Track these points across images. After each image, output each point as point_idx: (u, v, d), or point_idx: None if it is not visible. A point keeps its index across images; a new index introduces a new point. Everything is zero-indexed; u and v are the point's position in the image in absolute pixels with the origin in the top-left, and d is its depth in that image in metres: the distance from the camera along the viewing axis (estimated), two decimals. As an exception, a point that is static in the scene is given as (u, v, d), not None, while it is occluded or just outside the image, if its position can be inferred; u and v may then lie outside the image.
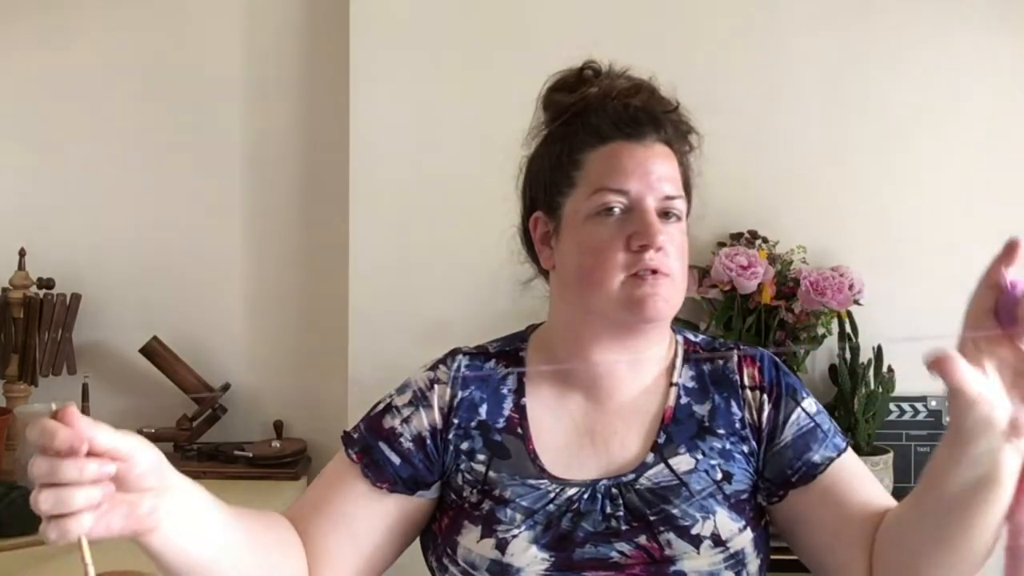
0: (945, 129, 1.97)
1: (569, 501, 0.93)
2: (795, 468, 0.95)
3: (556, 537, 0.92)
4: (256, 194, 2.06)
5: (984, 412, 0.71)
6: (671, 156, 0.98)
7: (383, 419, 0.99)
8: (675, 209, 0.95)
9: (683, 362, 1.01)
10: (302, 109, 2.06)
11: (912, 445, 1.92)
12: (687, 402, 0.98)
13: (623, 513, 0.92)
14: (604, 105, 0.98)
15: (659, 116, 0.98)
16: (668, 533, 0.91)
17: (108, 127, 2.05)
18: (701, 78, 1.96)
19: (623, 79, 1.01)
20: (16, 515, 1.45)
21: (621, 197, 0.93)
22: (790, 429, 0.96)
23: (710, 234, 1.94)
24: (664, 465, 0.94)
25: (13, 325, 1.91)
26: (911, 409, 1.93)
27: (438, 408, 0.98)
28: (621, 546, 0.91)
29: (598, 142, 0.96)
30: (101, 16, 2.04)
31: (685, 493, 0.93)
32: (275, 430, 2.01)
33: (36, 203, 2.05)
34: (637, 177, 0.93)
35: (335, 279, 2.00)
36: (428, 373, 1.01)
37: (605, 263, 0.91)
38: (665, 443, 0.96)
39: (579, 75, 1.02)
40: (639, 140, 0.95)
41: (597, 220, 0.93)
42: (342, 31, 1.96)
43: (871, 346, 1.87)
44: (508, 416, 0.98)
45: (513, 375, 1.01)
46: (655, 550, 0.91)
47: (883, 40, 1.96)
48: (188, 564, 0.78)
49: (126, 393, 2.04)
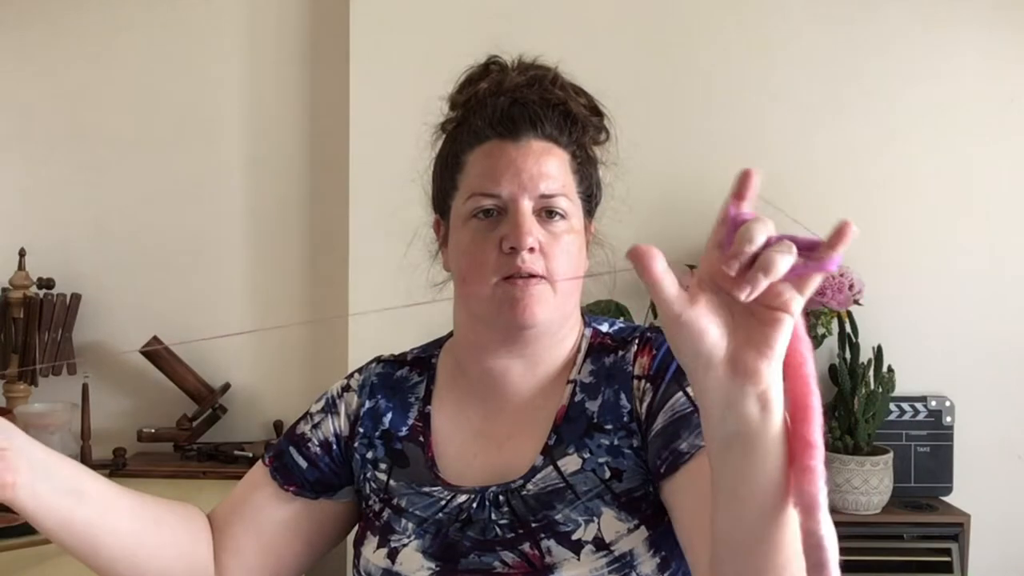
0: (945, 129, 1.98)
1: (459, 509, 0.91)
2: (663, 458, 0.86)
3: (443, 546, 0.90)
4: (256, 194, 2.06)
5: (689, 328, 0.60)
6: (552, 152, 0.92)
7: (297, 425, 1.02)
8: (557, 207, 0.90)
9: (584, 357, 0.96)
10: (302, 109, 2.06)
11: (912, 445, 1.92)
12: (581, 399, 0.94)
13: (508, 521, 0.90)
14: (487, 103, 0.94)
15: (538, 112, 0.92)
16: (549, 540, 0.88)
17: (108, 127, 2.05)
18: (701, 78, 1.97)
19: (520, 73, 0.95)
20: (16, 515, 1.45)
21: (493, 200, 0.90)
22: (664, 415, 0.87)
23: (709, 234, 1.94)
24: (553, 467, 0.91)
25: (13, 325, 1.91)
26: (911, 409, 1.93)
27: (344, 415, 1.00)
28: (504, 555, 0.88)
29: (476, 142, 0.93)
30: (101, 16, 2.04)
31: (570, 496, 0.89)
32: (275, 430, 2.01)
33: (36, 203, 2.05)
34: (508, 178, 0.89)
35: (335, 279, 2.00)
36: (342, 381, 1.03)
37: (478, 266, 0.89)
38: (555, 444, 0.92)
39: (484, 70, 0.99)
40: (513, 139, 0.91)
41: (473, 223, 0.91)
42: (342, 31, 1.96)
43: (871, 346, 1.87)
44: (412, 424, 0.98)
45: (422, 383, 1.00)
46: (536, 558, 0.87)
47: (883, 40, 1.96)
48: (63, 521, 0.82)
49: (126, 393, 2.04)
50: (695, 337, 0.60)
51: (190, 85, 2.05)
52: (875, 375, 1.85)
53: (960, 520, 1.82)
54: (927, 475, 1.92)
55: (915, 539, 1.81)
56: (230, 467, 1.88)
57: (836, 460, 1.80)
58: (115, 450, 1.89)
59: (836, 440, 1.83)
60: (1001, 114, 1.98)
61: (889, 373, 1.85)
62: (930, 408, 1.93)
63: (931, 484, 1.92)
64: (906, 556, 1.80)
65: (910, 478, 1.91)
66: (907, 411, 1.93)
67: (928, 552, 1.80)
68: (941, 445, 1.93)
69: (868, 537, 1.79)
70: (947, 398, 1.94)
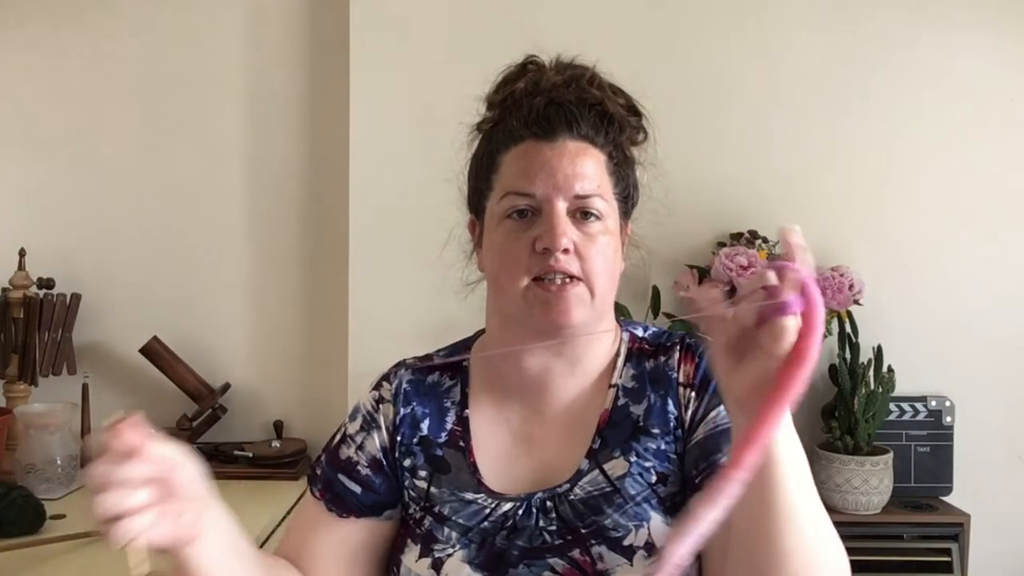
0: (944, 129, 1.98)
1: (504, 517, 0.90)
2: (700, 468, 0.88)
3: (490, 556, 0.89)
4: (256, 194, 2.06)
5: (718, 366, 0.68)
6: (588, 152, 0.91)
7: (339, 450, 0.99)
8: (592, 208, 0.89)
9: (624, 361, 0.96)
10: (302, 110, 2.06)
11: (912, 445, 1.92)
12: (624, 403, 0.94)
13: (556, 527, 0.89)
14: (523, 103, 0.93)
15: (574, 112, 0.91)
16: (600, 546, 0.87)
17: (108, 127, 2.05)
18: (701, 79, 1.97)
19: (557, 73, 0.94)
20: (16, 515, 1.45)
21: (527, 200, 0.89)
22: (706, 426, 0.89)
23: (710, 234, 1.94)
24: (599, 471, 0.90)
25: (13, 325, 1.91)
26: (911, 409, 1.93)
27: (385, 428, 0.97)
28: (554, 562, 0.88)
29: (511, 143, 0.92)
30: (102, 17, 2.04)
31: (619, 500, 0.88)
32: (275, 430, 2.01)
33: (36, 203, 2.05)
34: (543, 178, 0.88)
35: (335, 279, 2.00)
36: (373, 393, 1.00)
37: (511, 267, 0.89)
38: (600, 448, 0.91)
39: (520, 70, 0.98)
40: (548, 139, 0.90)
41: (507, 223, 0.90)
42: (342, 31, 1.96)
43: (871, 346, 1.87)
44: (451, 429, 0.96)
45: (456, 386, 0.99)
46: (587, 564, 0.87)
47: (883, 40, 1.96)
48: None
49: (126, 393, 2.04)
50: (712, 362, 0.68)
51: (190, 85, 2.05)
52: (875, 375, 1.85)
53: (960, 520, 1.82)
54: (927, 475, 1.92)
55: (915, 539, 1.81)
56: (230, 467, 1.88)
57: (836, 460, 1.80)
58: (115, 450, 1.88)
59: (836, 440, 1.83)
60: (1001, 114, 1.98)
61: (889, 373, 1.85)
62: (930, 408, 1.93)
63: (931, 484, 1.92)
64: (906, 556, 1.79)
65: (910, 478, 1.91)
66: (907, 411, 1.93)
67: (928, 552, 1.80)
68: (941, 445, 1.93)
69: (868, 537, 1.79)
70: (947, 398, 1.94)
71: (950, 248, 1.99)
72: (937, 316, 1.98)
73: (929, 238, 1.98)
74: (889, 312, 1.94)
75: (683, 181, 1.95)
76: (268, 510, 1.65)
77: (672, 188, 1.94)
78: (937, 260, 1.98)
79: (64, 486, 1.71)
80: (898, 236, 1.97)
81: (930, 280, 1.98)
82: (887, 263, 1.96)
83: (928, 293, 1.98)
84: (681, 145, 1.95)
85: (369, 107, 1.93)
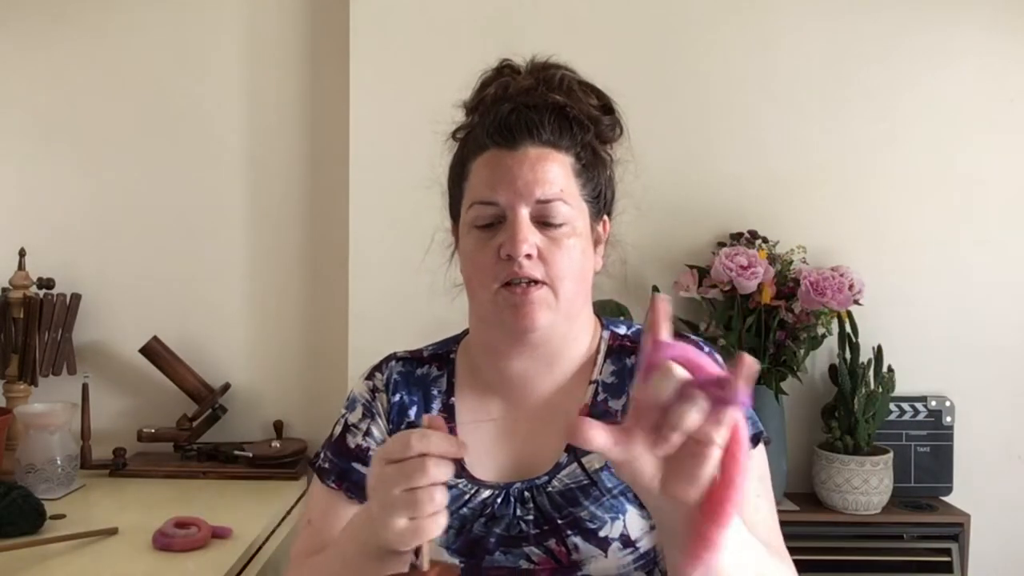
0: (945, 129, 1.98)
1: (483, 504, 0.92)
2: None
3: (468, 542, 0.91)
4: (256, 194, 2.06)
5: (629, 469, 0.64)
6: (550, 157, 0.92)
7: (345, 440, 1.00)
8: (554, 212, 0.90)
9: (605, 357, 0.99)
10: (302, 109, 2.06)
11: (912, 445, 1.92)
12: (604, 398, 0.96)
13: (533, 517, 0.91)
14: (491, 110, 0.94)
15: (534, 119, 0.91)
16: (575, 537, 0.89)
17: (108, 127, 2.05)
18: (700, 78, 1.97)
19: (528, 76, 0.96)
20: (16, 515, 1.45)
21: (491, 208, 0.91)
22: None
23: (710, 234, 1.94)
24: (577, 464, 0.93)
25: (13, 325, 1.91)
26: (911, 409, 1.93)
27: (384, 414, 1.00)
28: (530, 550, 0.90)
29: (478, 151, 0.94)
30: (102, 18, 2.04)
31: (596, 492, 0.91)
32: (275, 430, 2.01)
33: (36, 203, 2.05)
34: (504, 187, 0.90)
35: (335, 279, 2.00)
36: (367, 383, 1.03)
37: (481, 274, 0.91)
38: None
39: (496, 74, 0.99)
40: (511, 147, 0.91)
41: (475, 232, 0.93)
42: (342, 31, 1.96)
43: (871, 346, 1.87)
44: (436, 415, 0.96)
45: (443, 376, 1.01)
46: (562, 555, 0.89)
47: (883, 39, 1.96)
48: None
49: (126, 393, 2.04)
50: (635, 476, 0.63)
51: (190, 85, 2.05)
52: (875, 375, 1.85)
53: (960, 520, 1.82)
54: (927, 475, 1.92)
55: (915, 539, 1.81)
56: (230, 467, 1.88)
57: (836, 460, 1.80)
58: (115, 450, 1.89)
59: (836, 440, 1.83)
60: (1002, 114, 1.98)
61: (889, 373, 1.85)
62: (930, 408, 1.93)
63: (931, 484, 1.92)
64: (906, 556, 1.79)
65: (910, 478, 1.91)
66: (907, 411, 1.93)
67: (928, 552, 1.80)
68: (941, 445, 1.93)
69: (868, 537, 1.79)
70: (947, 398, 1.94)
71: (950, 248, 1.99)
72: (937, 316, 1.98)
73: (929, 238, 1.98)
74: (889, 312, 1.94)
75: (683, 181, 1.96)
76: (268, 510, 1.65)
77: (672, 188, 1.95)
78: (937, 260, 1.98)
79: (64, 486, 1.71)
80: (898, 236, 1.97)
81: (930, 280, 1.98)
82: (887, 263, 1.96)
83: (928, 293, 1.98)
84: (681, 145, 1.96)
85: (369, 107, 1.93)
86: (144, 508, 1.64)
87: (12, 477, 1.68)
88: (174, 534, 1.43)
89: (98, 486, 1.79)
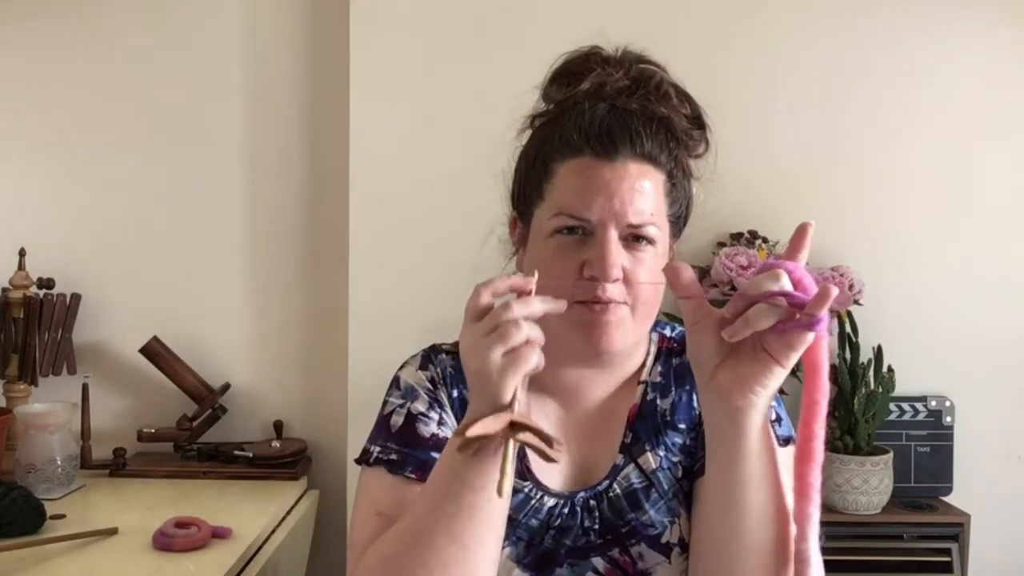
0: (945, 128, 1.98)
1: (549, 515, 0.90)
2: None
3: (539, 556, 0.89)
4: (256, 194, 2.06)
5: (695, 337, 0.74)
6: (648, 175, 0.87)
7: (417, 430, 0.92)
8: (645, 235, 0.86)
9: (654, 360, 0.98)
10: (302, 109, 2.06)
11: (912, 445, 1.92)
12: (652, 398, 0.95)
13: (598, 527, 0.90)
14: (585, 108, 0.88)
15: (638, 129, 0.86)
16: (639, 545, 0.88)
17: (108, 127, 2.05)
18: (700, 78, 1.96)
19: (622, 75, 0.90)
20: (16, 515, 1.45)
21: (580, 223, 0.86)
22: None
23: (710, 234, 1.94)
24: (634, 465, 0.92)
25: (13, 325, 1.91)
26: (911, 409, 1.93)
27: (448, 405, 0.94)
28: (597, 562, 0.89)
29: (568, 153, 0.87)
30: (101, 17, 2.04)
31: (655, 494, 0.90)
32: (275, 430, 2.01)
33: (36, 203, 2.05)
34: (600, 203, 0.84)
35: (335, 279, 2.00)
36: (423, 373, 0.96)
37: (556, 286, 0.85)
38: (632, 442, 0.93)
39: (584, 61, 0.93)
40: (609, 158, 0.85)
41: (556, 240, 0.87)
42: (342, 31, 1.96)
43: (871, 346, 1.87)
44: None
45: None
46: (627, 564, 0.88)
47: (883, 39, 1.96)
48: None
49: (126, 393, 2.04)
50: (698, 347, 0.74)
51: (190, 85, 2.05)
52: (875, 375, 1.85)
53: (960, 520, 1.82)
54: (927, 475, 1.92)
55: (915, 539, 1.81)
56: (230, 467, 1.88)
57: (836, 460, 1.80)
58: (115, 450, 1.89)
59: (836, 440, 1.83)
60: (1002, 115, 1.98)
61: (889, 373, 1.85)
62: (930, 408, 1.93)
63: (931, 484, 1.92)
64: (906, 556, 1.79)
65: (910, 478, 1.91)
66: (907, 411, 1.93)
67: (928, 552, 1.80)
68: (941, 445, 1.93)
69: (868, 537, 1.79)
70: (947, 398, 1.94)
71: (950, 248, 1.99)
72: (937, 316, 1.98)
73: (929, 238, 1.98)
74: (889, 312, 1.94)
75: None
76: (268, 510, 1.65)
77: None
78: (937, 260, 1.98)
79: (64, 486, 1.71)
80: (898, 236, 1.97)
81: (930, 280, 1.98)
82: (887, 263, 1.96)
83: (928, 293, 1.98)
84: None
85: (369, 106, 1.93)
86: (144, 508, 1.64)
87: (12, 477, 1.68)
88: (174, 534, 1.43)
89: (98, 486, 1.79)
